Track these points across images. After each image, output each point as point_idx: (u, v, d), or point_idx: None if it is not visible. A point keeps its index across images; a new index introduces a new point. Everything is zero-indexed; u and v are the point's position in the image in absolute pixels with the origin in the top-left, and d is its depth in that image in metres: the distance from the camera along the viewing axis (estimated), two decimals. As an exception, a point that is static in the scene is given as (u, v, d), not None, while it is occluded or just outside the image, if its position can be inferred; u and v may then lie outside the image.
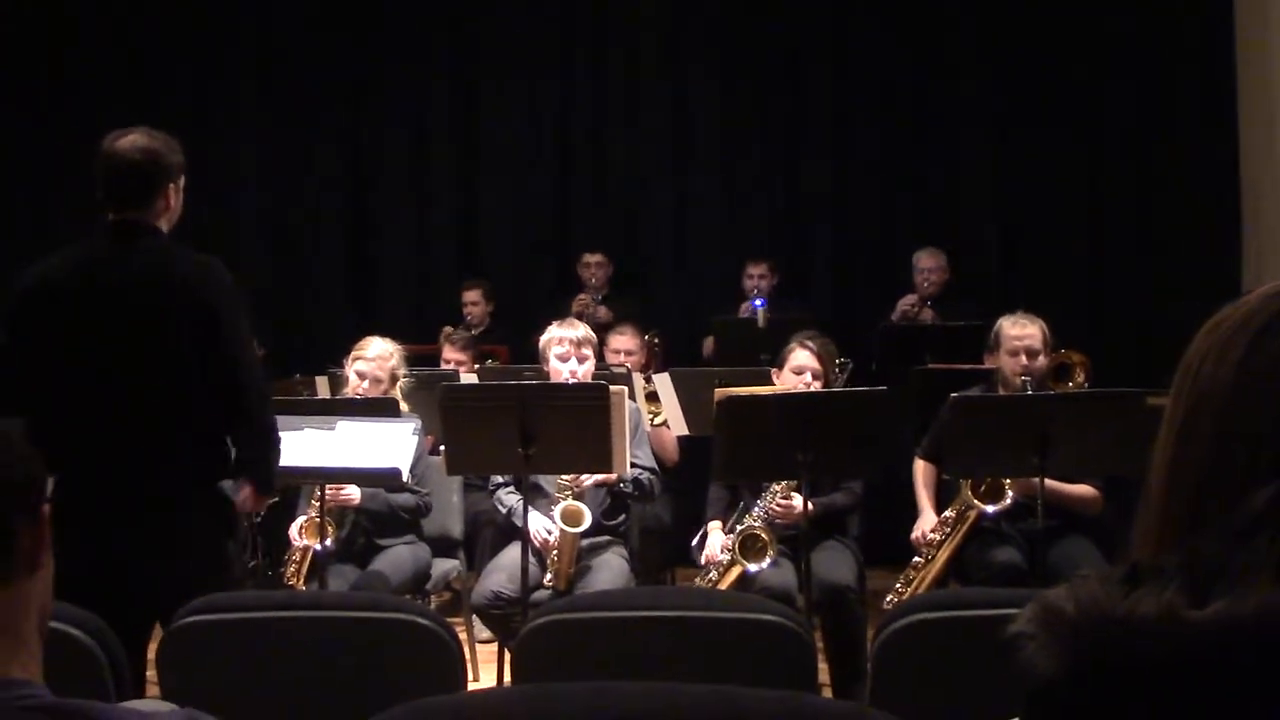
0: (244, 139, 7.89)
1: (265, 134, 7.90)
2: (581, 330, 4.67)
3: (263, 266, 7.78)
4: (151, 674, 2.87)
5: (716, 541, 4.53)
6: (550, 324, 4.77)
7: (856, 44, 7.64)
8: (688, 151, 7.79)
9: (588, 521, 4.36)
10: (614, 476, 4.38)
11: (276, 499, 5.28)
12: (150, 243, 3.13)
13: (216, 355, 3.09)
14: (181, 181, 3.21)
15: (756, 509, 4.45)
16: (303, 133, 7.91)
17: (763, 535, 4.38)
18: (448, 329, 6.95)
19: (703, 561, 4.55)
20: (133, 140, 3.14)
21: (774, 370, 4.79)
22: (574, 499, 4.40)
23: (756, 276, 7.05)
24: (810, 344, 4.66)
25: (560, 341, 4.60)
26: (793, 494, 4.33)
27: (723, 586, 4.41)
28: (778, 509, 4.41)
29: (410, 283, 7.93)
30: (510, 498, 4.54)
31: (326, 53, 7.89)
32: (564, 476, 4.42)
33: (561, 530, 4.34)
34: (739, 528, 4.45)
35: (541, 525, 4.38)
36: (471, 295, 7.23)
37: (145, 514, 3.08)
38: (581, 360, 4.58)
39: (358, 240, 7.96)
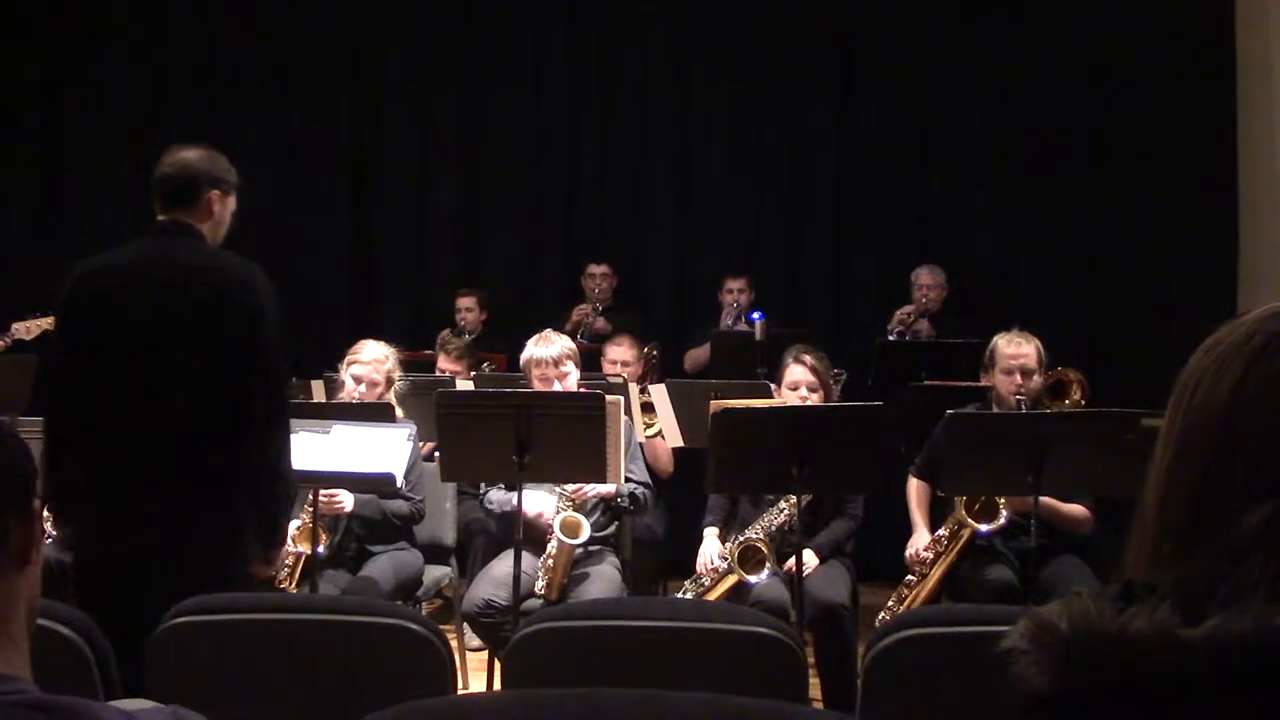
0: (246, 144, 7.89)
1: (267, 139, 7.91)
2: (556, 347, 4.59)
3: (263, 270, 7.78)
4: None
5: (712, 549, 4.53)
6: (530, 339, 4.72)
7: (861, 64, 7.65)
8: (693, 166, 7.79)
9: (586, 533, 4.36)
10: (613, 490, 4.38)
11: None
12: (192, 241, 3.24)
13: (247, 354, 3.15)
14: (230, 200, 3.35)
15: (766, 518, 4.44)
16: (305, 136, 7.92)
17: (762, 548, 4.38)
18: (444, 334, 6.96)
19: (697, 569, 4.55)
20: (185, 150, 3.32)
21: (775, 386, 4.79)
22: (575, 510, 4.40)
23: (736, 291, 7.04)
24: (805, 359, 4.65)
25: (538, 364, 4.56)
26: (804, 553, 4.22)
27: (714, 596, 4.41)
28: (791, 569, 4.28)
29: (411, 289, 7.93)
30: (499, 494, 4.51)
31: (332, 61, 7.91)
32: (568, 487, 4.41)
33: (559, 541, 4.33)
34: (739, 539, 4.45)
35: (539, 503, 4.38)
36: (466, 302, 7.24)
37: (172, 508, 3.09)
38: (563, 378, 4.55)
39: (359, 245, 7.96)
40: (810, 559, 4.37)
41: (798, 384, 4.61)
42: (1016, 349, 4.62)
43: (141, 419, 3.11)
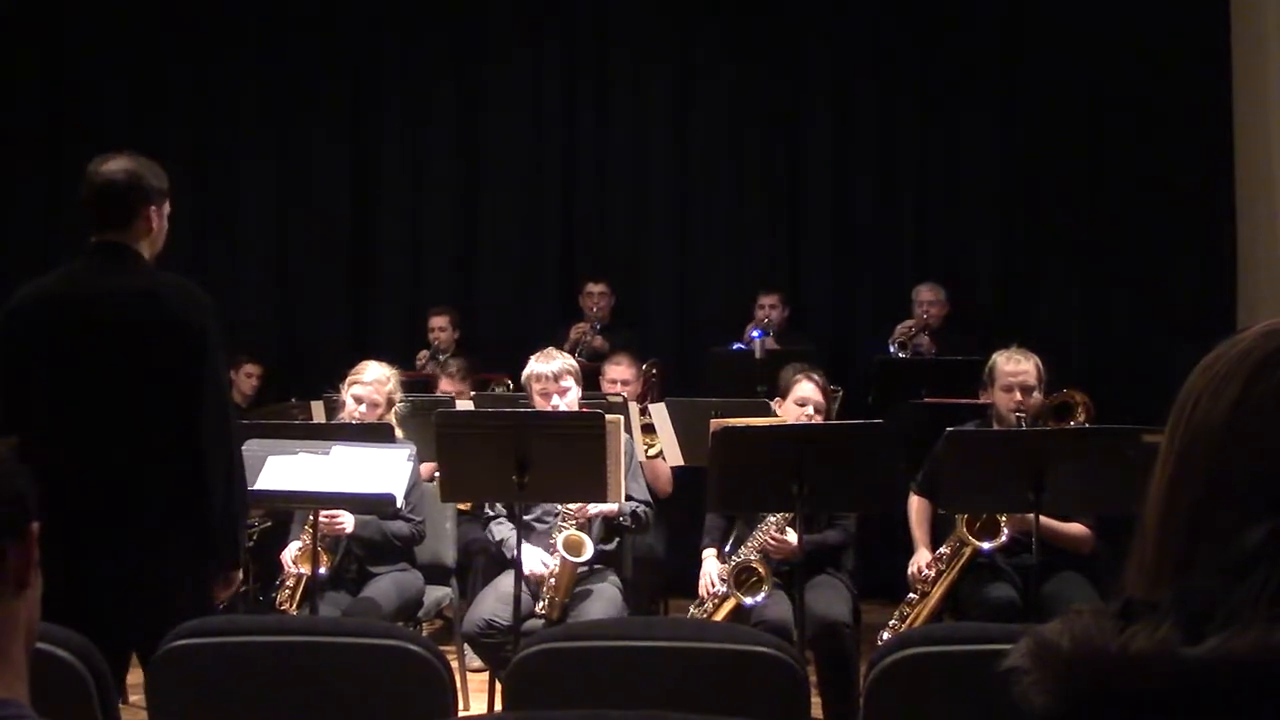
0: (246, 166, 7.93)
1: (268, 161, 7.93)
2: (558, 362, 4.59)
3: (263, 292, 7.82)
4: (139, 698, 2.85)
5: (712, 569, 4.52)
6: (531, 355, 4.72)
7: (860, 84, 7.68)
8: (691, 183, 7.81)
9: (589, 552, 4.36)
10: (615, 509, 4.38)
11: (269, 523, 5.28)
12: (130, 264, 3.16)
13: (193, 376, 3.08)
14: (165, 208, 3.24)
15: (752, 540, 4.44)
16: (304, 159, 7.94)
17: (758, 568, 4.37)
18: (422, 354, 6.99)
19: (700, 592, 4.54)
20: (113, 163, 3.19)
21: (775, 400, 4.78)
22: (577, 529, 4.39)
23: (768, 306, 7.06)
24: (815, 376, 4.67)
25: (538, 379, 4.57)
26: (787, 529, 4.32)
27: (718, 618, 4.39)
28: (771, 544, 4.39)
29: (409, 309, 7.93)
30: (501, 529, 4.53)
31: (330, 80, 7.94)
32: (570, 505, 4.41)
33: (562, 559, 4.33)
34: (735, 559, 4.44)
35: (537, 559, 4.37)
36: (439, 321, 7.27)
37: (125, 536, 3.06)
38: (563, 393, 4.55)
39: (358, 265, 7.97)
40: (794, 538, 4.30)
41: (806, 400, 4.61)
42: (1016, 366, 4.62)
43: (84, 447, 3.06)
